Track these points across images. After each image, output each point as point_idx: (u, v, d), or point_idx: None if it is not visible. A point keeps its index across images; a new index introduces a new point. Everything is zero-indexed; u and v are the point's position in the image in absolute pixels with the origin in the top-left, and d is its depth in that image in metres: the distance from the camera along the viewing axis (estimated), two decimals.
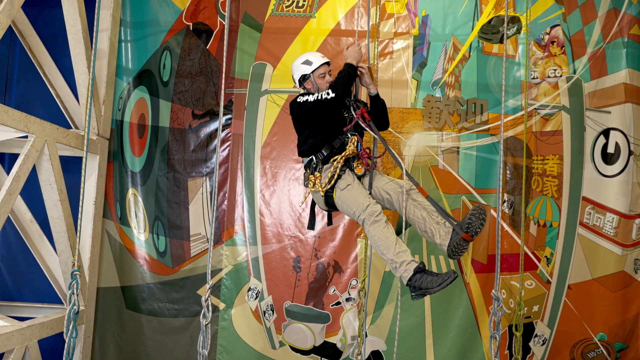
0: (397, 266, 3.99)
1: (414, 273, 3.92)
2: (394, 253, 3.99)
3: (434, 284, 3.83)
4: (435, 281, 3.84)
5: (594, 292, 6.91)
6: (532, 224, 7.03)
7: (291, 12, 7.34)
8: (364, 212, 4.14)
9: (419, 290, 3.91)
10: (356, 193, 4.26)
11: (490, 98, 7.12)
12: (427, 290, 3.86)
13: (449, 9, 7.24)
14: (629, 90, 6.95)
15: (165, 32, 7.38)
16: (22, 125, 5.38)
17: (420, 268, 3.93)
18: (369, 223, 4.12)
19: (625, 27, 7.04)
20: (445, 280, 3.81)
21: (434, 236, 4.13)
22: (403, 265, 3.96)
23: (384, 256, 4.06)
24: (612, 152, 6.96)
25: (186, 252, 7.21)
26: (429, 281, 3.85)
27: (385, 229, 4.09)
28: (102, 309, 7.19)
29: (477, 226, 3.95)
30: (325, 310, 7.03)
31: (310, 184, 4.43)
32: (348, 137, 4.47)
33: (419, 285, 3.88)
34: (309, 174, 4.47)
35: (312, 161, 4.48)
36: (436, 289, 3.83)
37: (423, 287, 3.87)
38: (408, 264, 3.96)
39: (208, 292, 4.19)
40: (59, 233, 6.21)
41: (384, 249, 4.04)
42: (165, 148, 7.30)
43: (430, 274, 3.91)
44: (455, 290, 6.94)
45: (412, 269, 3.93)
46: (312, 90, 4.59)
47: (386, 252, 4.03)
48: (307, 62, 4.61)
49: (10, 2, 5.23)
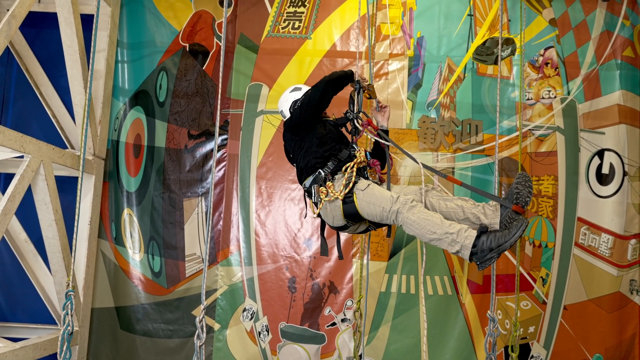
0: (455, 237, 3.50)
1: (478, 235, 3.47)
2: (447, 226, 3.54)
3: (507, 236, 3.40)
4: (507, 234, 3.41)
5: (589, 313, 6.89)
6: (528, 245, 7.03)
7: (287, 33, 7.39)
8: (396, 203, 3.73)
9: (490, 253, 3.43)
10: (380, 189, 3.91)
11: (485, 119, 7.16)
12: (501, 245, 3.39)
13: (443, 30, 7.30)
14: (623, 111, 7.01)
15: (161, 53, 7.43)
16: (18, 145, 5.38)
17: (483, 228, 3.50)
18: (406, 210, 3.68)
19: (618, 49, 7.11)
20: (520, 228, 3.40)
21: (479, 218, 3.73)
22: (462, 232, 3.50)
23: (435, 235, 3.57)
24: (606, 173, 6.99)
25: (181, 273, 7.18)
26: (499, 236, 3.42)
27: (424, 211, 3.67)
28: (97, 329, 7.14)
29: (526, 195, 3.59)
30: (320, 331, 6.99)
31: (323, 195, 4.05)
32: (354, 148, 4.25)
33: (489, 245, 3.41)
34: (319, 186, 4.12)
35: (320, 175, 4.16)
36: (513, 239, 3.38)
37: (494, 245, 3.40)
38: (467, 230, 3.51)
39: (202, 313, 4.17)
40: (53, 253, 6.18)
41: (433, 227, 3.57)
42: (161, 168, 7.31)
43: (495, 231, 3.51)
44: (450, 311, 6.92)
45: (472, 234, 3.48)
46: None
47: (437, 230, 3.56)
48: (296, 88, 4.57)
49: (8, 23, 5.26)
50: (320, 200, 4.10)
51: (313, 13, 7.40)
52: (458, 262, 6.98)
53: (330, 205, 4.07)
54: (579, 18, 7.23)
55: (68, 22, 6.20)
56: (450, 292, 6.96)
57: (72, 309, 5.28)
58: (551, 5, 7.27)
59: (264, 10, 7.44)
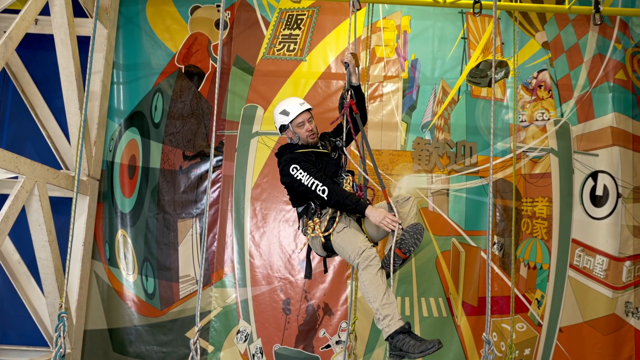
0: (380, 318, 3.85)
1: (397, 332, 3.77)
2: (380, 303, 3.84)
3: (415, 349, 3.65)
4: (417, 347, 3.66)
5: (585, 335, 6.87)
6: (523, 266, 7.03)
7: (282, 55, 7.44)
8: (359, 257, 4.00)
9: (399, 352, 3.75)
10: (352, 236, 4.13)
11: (479, 141, 7.19)
12: (407, 354, 3.69)
13: (437, 53, 7.37)
14: (616, 133, 7.05)
15: (157, 75, 7.46)
16: (13, 166, 5.37)
17: (404, 329, 3.78)
18: (362, 267, 3.97)
19: (610, 72, 7.18)
20: (428, 349, 3.62)
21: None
22: (387, 320, 3.82)
23: (371, 304, 3.92)
24: (600, 195, 7.02)
25: (175, 294, 7.15)
26: (411, 345, 3.69)
27: (377, 275, 3.93)
28: (89, 352, 7.07)
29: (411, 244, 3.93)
30: (315, 353, 6.94)
31: (310, 229, 4.30)
32: (343, 177, 4.40)
33: (400, 346, 3.72)
34: (308, 219, 4.35)
35: (309, 207, 4.36)
36: (417, 355, 3.64)
37: (404, 349, 3.70)
38: (392, 319, 3.82)
39: (196, 335, 4.13)
40: (46, 274, 6.14)
41: (372, 296, 3.89)
42: (155, 189, 7.30)
43: (414, 338, 3.75)
44: (446, 333, 6.89)
45: (395, 326, 3.79)
46: (293, 140, 4.51)
47: (373, 301, 3.88)
48: (284, 112, 4.47)
49: (5, 45, 5.28)
50: (306, 234, 4.37)
51: (308, 35, 7.46)
52: (453, 284, 6.97)
53: (314, 240, 4.34)
54: (571, 41, 7.31)
55: (64, 43, 6.23)
56: (445, 313, 6.94)
57: (65, 331, 5.23)
58: (544, 28, 7.35)
59: (259, 32, 7.50)
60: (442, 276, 6.97)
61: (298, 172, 4.22)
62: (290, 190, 4.43)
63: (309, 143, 4.45)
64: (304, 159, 4.28)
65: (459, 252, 7.03)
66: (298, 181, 4.21)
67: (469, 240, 7.02)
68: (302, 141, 4.46)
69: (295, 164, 4.25)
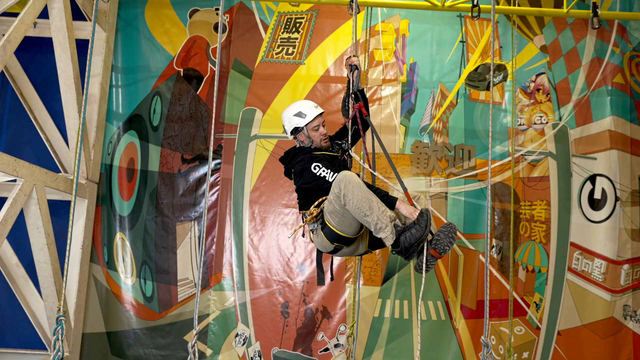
0: (383, 227, 3.77)
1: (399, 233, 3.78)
2: (378, 212, 3.78)
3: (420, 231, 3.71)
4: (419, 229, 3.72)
5: (583, 338, 6.87)
6: (521, 270, 7.03)
7: (281, 58, 7.45)
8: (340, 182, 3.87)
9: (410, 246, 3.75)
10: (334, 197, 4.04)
11: (478, 144, 7.20)
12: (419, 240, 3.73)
13: (436, 56, 7.38)
14: (614, 137, 7.06)
15: (156, 78, 7.46)
16: (11, 169, 5.37)
17: (399, 231, 3.79)
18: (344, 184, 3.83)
19: (608, 75, 7.19)
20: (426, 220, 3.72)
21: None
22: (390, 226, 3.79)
23: (367, 217, 3.79)
24: (598, 198, 7.02)
25: (173, 297, 7.14)
26: (415, 231, 3.73)
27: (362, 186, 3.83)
28: (87, 355, 7.06)
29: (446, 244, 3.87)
30: (313, 356, 6.94)
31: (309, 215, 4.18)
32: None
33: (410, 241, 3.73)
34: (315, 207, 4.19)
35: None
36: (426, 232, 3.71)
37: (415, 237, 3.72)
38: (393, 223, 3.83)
39: (195, 338, 4.12)
40: (45, 278, 6.13)
41: (367, 208, 3.77)
42: (154, 192, 7.30)
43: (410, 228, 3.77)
44: (444, 337, 6.89)
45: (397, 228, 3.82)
46: (305, 143, 4.38)
47: (370, 213, 3.78)
48: (299, 114, 4.33)
49: (3, 48, 5.28)
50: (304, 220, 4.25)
51: (307, 39, 7.46)
52: (451, 288, 6.97)
53: (316, 237, 4.22)
54: (569, 45, 7.32)
55: (63, 47, 6.23)
56: (443, 317, 6.94)
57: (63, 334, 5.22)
58: (542, 32, 7.37)
59: (258, 36, 7.51)
60: (441, 279, 6.97)
61: (321, 169, 4.12)
62: (307, 191, 4.29)
63: (322, 147, 4.36)
64: (323, 158, 4.21)
65: (457, 255, 7.03)
66: (322, 179, 4.10)
67: (468, 244, 7.02)
68: (314, 145, 4.36)
69: (316, 162, 4.15)
